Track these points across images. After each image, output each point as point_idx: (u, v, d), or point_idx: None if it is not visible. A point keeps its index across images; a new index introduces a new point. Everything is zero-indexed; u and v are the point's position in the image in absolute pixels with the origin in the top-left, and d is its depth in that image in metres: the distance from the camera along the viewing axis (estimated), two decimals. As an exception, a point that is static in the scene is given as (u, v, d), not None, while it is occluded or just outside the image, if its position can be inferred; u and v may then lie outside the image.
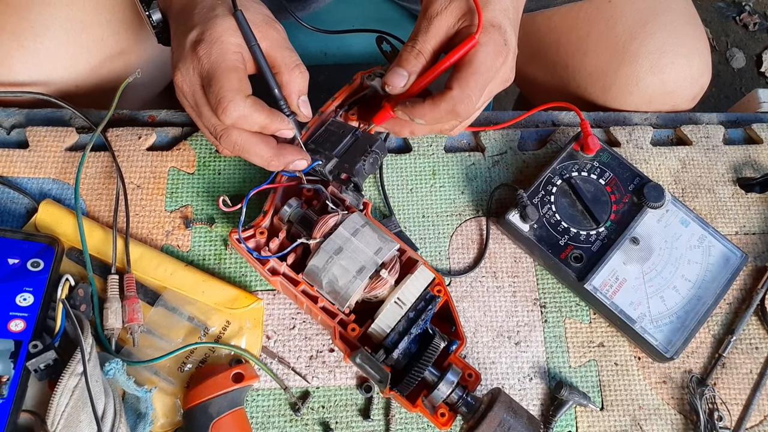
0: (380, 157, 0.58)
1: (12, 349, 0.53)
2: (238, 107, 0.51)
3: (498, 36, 0.54)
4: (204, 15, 0.54)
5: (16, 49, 0.65)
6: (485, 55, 0.53)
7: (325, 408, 0.58)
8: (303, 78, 0.56)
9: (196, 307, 0.59)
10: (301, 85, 0.55)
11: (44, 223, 0.61)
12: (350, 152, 0.58)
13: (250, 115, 0.52)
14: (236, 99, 0.51)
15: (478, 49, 0.53)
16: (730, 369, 0.61)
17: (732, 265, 0.62)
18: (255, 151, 0.54)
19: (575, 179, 0.64)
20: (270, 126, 0.53)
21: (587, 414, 0.59)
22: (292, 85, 0.55)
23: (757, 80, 1.63)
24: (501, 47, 0.54)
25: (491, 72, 0.54)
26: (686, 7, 0.75)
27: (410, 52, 0.55)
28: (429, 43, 0.55)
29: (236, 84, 0.51)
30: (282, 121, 0.54)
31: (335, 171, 0.58)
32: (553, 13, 0.76)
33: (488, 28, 0.54)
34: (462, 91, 0.53)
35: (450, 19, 0.54)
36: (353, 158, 0.57)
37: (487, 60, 0.53)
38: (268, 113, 0.53)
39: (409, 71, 0.55)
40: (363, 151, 0.57)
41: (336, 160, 0.58)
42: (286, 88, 0.55)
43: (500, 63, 0.55)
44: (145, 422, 0.55)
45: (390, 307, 0.55)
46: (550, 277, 0.64)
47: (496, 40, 0.54)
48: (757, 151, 0.70)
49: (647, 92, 0.71)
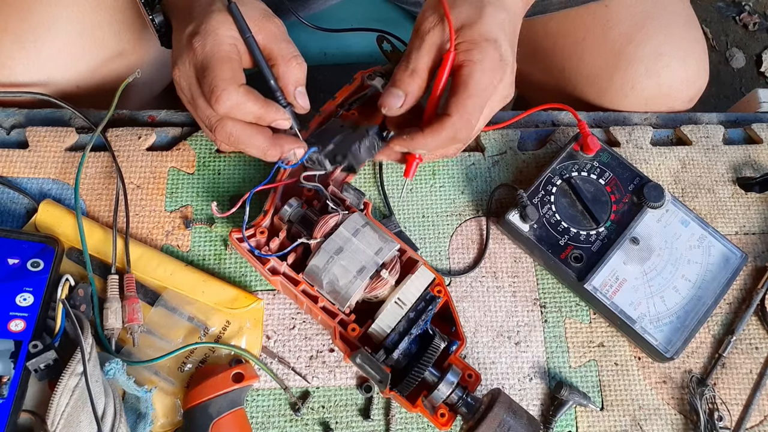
0: (377, 143, 0.58)
1: (12, 349, 0.53)
2: (231, 96, 0.51)
3: (493, 51, 0.52)
4: (201, 10, 0.54)
5: (18, 51, 0.65)
6: (481, 74, 0.52)
7: (325, 408, 0.58)
8: (300, 69, 0.55)
9: (196, 307, 0.59)
10: (298, 75, 0.55)
11: (44, 223, 0.61)
12: (347, 140, 0.58)
13: (243, 104, 0.51)
14: (229, 88, 0.50)
15: (473, 69, 0.52)
16: (730, 369, 0.61)
17: (732, 265, 0.62)
18: (250, 141, 0.53)
19: (575, 179, 0.64)
20: (265, 116, 0.53)
21: (587, 414, 0.59)
22: (288, 75, 0.54)
23: (757, 80, 1.63)
24: (497, 63, 0.52)
25: (488, 91, 0.53)
26: (683, 9, 0.75)
27: (404, 71, 0.54)
28: (422, 61, 0.53)
29: (229, 74, 0.51)
30: (277, 112, 0.53)
31: (331, 155, 0.57)
32: (549, 18, 0.76)
33: (482, 43, 0.52)
34: (461, 116, 0.52)
35: (443, 35, 0.53)
36: (350, 142, 0.57)
37: (483, 80, 0.52)
38: (263, 103, 0.52)
39: (405, 91, 0.54)
40: (360, 136, 0.57)
41: (332, 146, 0.58)
42: (283, 79, 0.54)
43: (497, 80, 0.53)
44: (145, 422, 0.55)
45: (390, 308, 0.55)
46: (550, 277, 0.64)
47: (491, 57, 0.52)
48: (756, 151, 0.70)
49: (643, 95, 0.71)
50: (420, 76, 0.54)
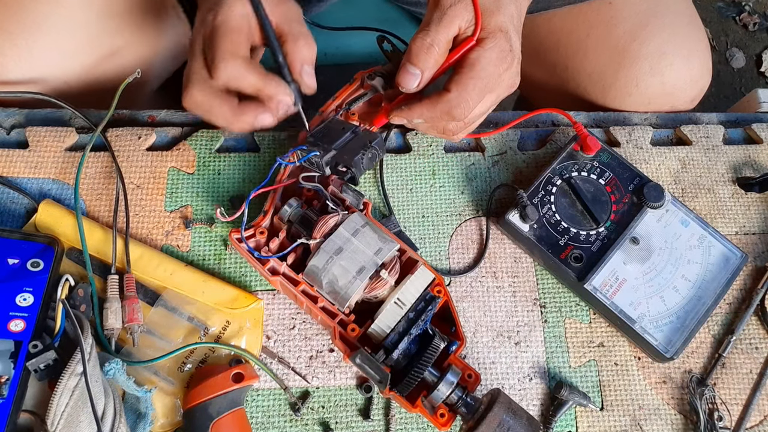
0: (378, 154, 0.58)
1: (12, 349, 0.53)
2: (228, 66, 0.50)
3: (504, 42, 0.53)
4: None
5: (9, 48, 0.64)
6: (488, 60, 0.53)
7: (325, 408, 0.58)
8: (309, 48, 0.53)
9: (196, 307, 0.59)
10: (306, 54, 0.53)
11: (44, 223, 0.61)
12: (349, 146, 0.58)
13: (242, 76, 0.51)
14: (228, 58, 0.50)
15: (481, 54, 0.52)
16: (730, 369, 0.61)
17: (732, 265, 0.62)
18: (215, 111, 0.52)
19: (575, 179, 0.64)
20: (264, 89, 0.52)
21: (587, 414, 0.59)
22: (296, 52, 0.53)
23: (757, 80, 1.63)
24: (506, 53, 0.53)
25: (492, 78, 0.53)
26: (687, 8, 0.75)
27: (421, 44, 0.52)
28: (441, 35, 0.52)
29: (230, 45, 0.50)
30: (278, 86, 0.52)
31: (333, 162, 0.57)
32: (552, 15, 0.76)
33: (496, 33, 0.53)
34: (459, 94, 0.53)
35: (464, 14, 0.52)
36: (352, 152, 0.57)
37: (489, 66, 0.53)
38: (263, 76, 0.51)
39: (421, 68, 0.53)
40: (362, 145, 0.57)
41: (334, 152, 0.57)
42: (290, 55, 0.53)
43: (504, 69, 0.54)
44: (145, 422, 0.55)
45: (390, 308, 0.55)
46: (550, 277, 0.64)
47: (501, 46, 0.53)
48: (756, 151, 0.70)
49: (646, 93, 0.71)
50: (438, 51, 0.53)
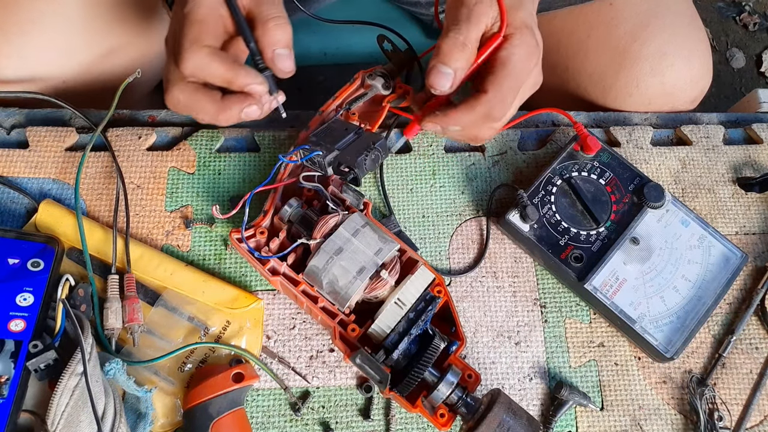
0: (381, 156, 0.58)
1: (12, 349, 0.53)
2: (191, 57, 0.48)
3: (530, 38, 0.52)
4: None
5: (4, 45, 0.64)
6: (519, 57, 0.52)
7: (325, 408, 0.58)
8: (280, 30, 0.50)
9: (196, 307, 0.59)
10: (277, 37, 0.50)
11: (44, 223, 0.61)
12: (352, 147, 0.57)
13: (206, 66, 0.48)
14: (192, 48, 0.48)
15: (512, 51, 0.51)
16: (730, 369, 0.61)
17: (732, 265, 0.62)
18: (199, 107, 0.50)
19: (575, 179, 0.64)
20: (234, 80, 0.49)
21: (587, 414, 0.59)
22: (266, 37, 0.50)
23: (757, 80, 1.63)
24: (534, 48, 0.53)
25: (524, 74, 0.53)
26: (687, 9, 0.75)
27: (454, 42, 0.50)
28: (473, 32, 0.51)
29: (195, 34, 0.48)
30: (248, 75, 0.49)
31: (335, 162, 0.57)
32: (553, 16, 0.76)
33: (522, 28, 0.52)
34: (496, 93, 0.51)
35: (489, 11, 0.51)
36: (355, 153, 0.57)
37: (521, 62, 0.52)
38: (230, 66, 0.49)
39: (454, 68, 0.51)
40: (365, 147, 0.57)
41: (337, 152, 0.57)
42: (260, 41, 0.50)
43: (533, 64, 0.53)
44: (145, 422, 0.55)
45: (390, 308, 0.55)
46: (550, 277, 0.64)
47: (528, 42, 0.52)
48: (757, 151, 0.70)
49: (647, 94, 0.71)
50: (470, 50, 0.51)
